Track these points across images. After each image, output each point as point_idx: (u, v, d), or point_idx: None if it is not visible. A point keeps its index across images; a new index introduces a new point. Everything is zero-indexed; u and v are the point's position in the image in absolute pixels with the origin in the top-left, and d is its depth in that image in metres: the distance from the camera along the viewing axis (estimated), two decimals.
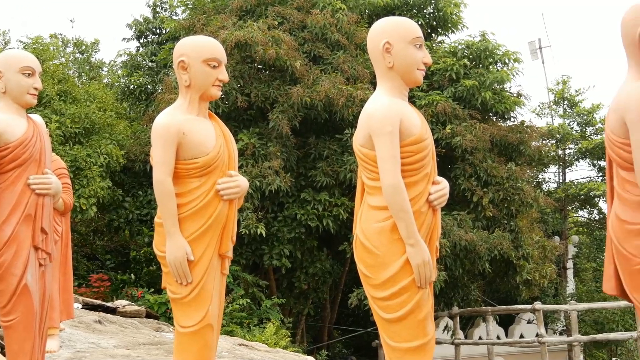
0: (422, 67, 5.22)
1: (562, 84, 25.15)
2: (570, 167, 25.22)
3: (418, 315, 4.98)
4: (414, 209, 4.93)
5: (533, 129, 19.14)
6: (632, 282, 4.76)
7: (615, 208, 4.86)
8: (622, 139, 4.70)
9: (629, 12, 4.88)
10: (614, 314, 21.56)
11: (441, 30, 20.00)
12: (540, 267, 18.04)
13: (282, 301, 16.30)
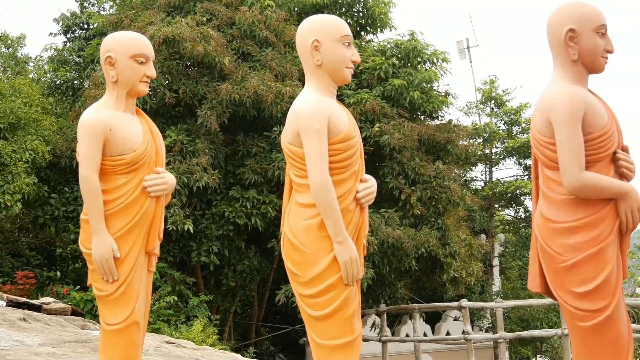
0: (351, 65, 5.24)
1: (489, 84, 25.42)
2: (497, 165, 25.51)
3: (345, 312, 4.99)
4: (342, 207, 4.94)
5: (460, 128, 19.31)
6: (556, 279, 4.83)
7: (540, 207, 4.93)
8: (547, 138, 4.77)
9: (555, 13, 4.95)
10: (539, 311, 21.84)
11: (370, 29, 20.08)
12: (467, 265, 18.20)
13: (210, 298, 16.22)
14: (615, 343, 4.78)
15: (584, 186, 4.65)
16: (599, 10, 4.93)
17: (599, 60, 4.91)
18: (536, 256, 5.01)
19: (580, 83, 4.88)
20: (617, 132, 4.89)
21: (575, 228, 4.72)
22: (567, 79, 4.87)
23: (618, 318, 4.77)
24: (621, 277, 4.81)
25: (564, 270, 4.76)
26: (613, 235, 4.75)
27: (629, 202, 4.76)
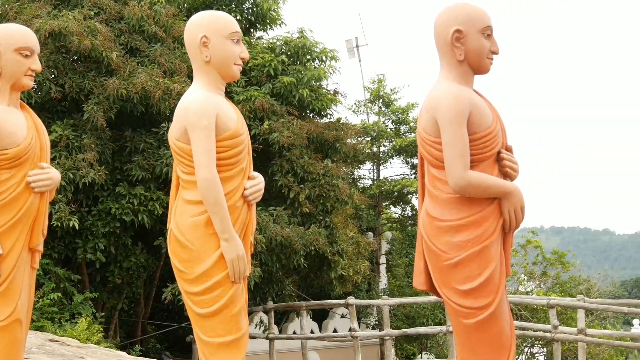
0: (239, 62, 5.23)
1: (377, 83, 25.61)
2: (385, 164, 25.73)
3: (232, 310, 4.98)
4: (229, 204, 4.93)
5: (349, 126, 19.41)
6: (441, 277, 4.90)
7: (426, 205, 4.99)
8: (433, 138, 4.84)
9: (442, 14, 5.02)
10: (424, 308, 22.14)
11: (259, 26, 20.04)
12: (354, 263, 18.32)
13: (95, 296, 15.98)
14: (498, 340, 4.87)
15: (469, 185, 4.72)
16: (485, 11, 5.01)
17: (485, 61, 5.00)
18: (421, 254, 5.08)
19: (466, 83, 4.96)
20: (501, 132, 4.98)
21: (460, 226, 4.79)
22: (453, 79, 4.93)
23: (501, 315, 4.86)
24: (504, 275, 4.90)
25: (449, 268, 4.83)
26: (497, 233, 4.84)
27: (513, 201, 4.85)
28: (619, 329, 28.51)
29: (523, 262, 26.87)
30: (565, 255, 27.06)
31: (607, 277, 44.72)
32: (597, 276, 34.68)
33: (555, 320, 13.72)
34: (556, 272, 26.79)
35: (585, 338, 13.44)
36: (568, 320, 21.46)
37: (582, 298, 13.89)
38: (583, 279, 29.22)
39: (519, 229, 5.17)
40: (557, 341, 13.69)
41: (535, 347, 23.77)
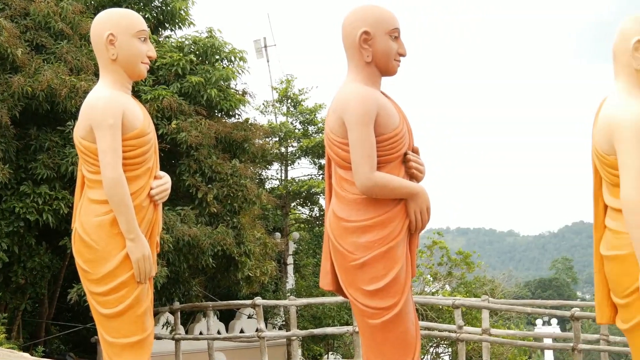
0: (147, 60, 5.20)
1: (286, 83, 25.64)
2: (292, 164, 25.77)
3: (137, 310, 4.95)
4: (135, 203, 4.90)
5: (257, 126, 19.39)
6: (347, 278, 4.93)
7: (333, 206, 5.01)
8: (340, 139, 4.86)
9: (350, 15, 5.05)
10: (331, 309, 22.23)
11: (168, 25, 19.88)
12: (262, 264, 18.30)
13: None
14: (403, 340, 4.91)
15: (375, 186, 4.75)
16: (393, 14, 5.06)
17: (392, 63, 5.04)
18: (328, 254, 5.10)
19: (373, 85, 4.99)
20: (408, 134, 5.03)
21: (367, 227, 4.82)
22: (360, 81, 4.97)
23: (406, 315, 4.91)
24: (410, 275, 4.94)
25: (355, 269, 4.86)
26: (403, 234, 4.88)
27: (418, 203, 4.90)
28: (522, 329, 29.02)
29: (429, 263, 27.16)
30: (470, 256, 27.43)
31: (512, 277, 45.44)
32: (501, 277, 35.21)
33: (460, 320, 13.90)
34: (461, 273, 27.14)
35: (489, 338, 13.64)
36: (473, 320, 21.73)
37: (487, 298, 14.09)
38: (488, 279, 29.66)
39: (425, 230, 5.23)
40: (462, 341, 13.87)
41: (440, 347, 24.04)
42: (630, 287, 4.50)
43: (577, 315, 12.55)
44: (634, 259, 4.45)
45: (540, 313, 14.78)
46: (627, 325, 4.60)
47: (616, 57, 4.71)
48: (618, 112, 4.48)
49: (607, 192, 4.69)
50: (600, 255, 4.72)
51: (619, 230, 4.55)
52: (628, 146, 4.39)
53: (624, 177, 4.41)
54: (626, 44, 4.64)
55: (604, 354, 13.26)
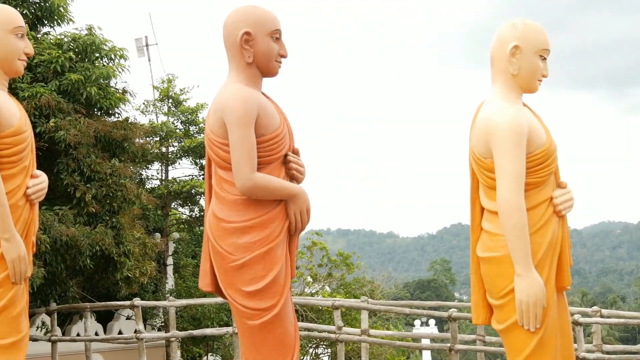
0: (24, 57, 5.11)
1: (167, 83, 25.41)
2: (173, 164, 25.53)
3: (12, 311, 4.85)
4: (11, 203, 4.80)
5: (137, 126, 19.15)
6: (226, 279, 4.92)
7: (212, 206, 5.00)
8: (221, 139, 4.85)
9: (231, 15, 5.03)
10: (210, 310, 22.12)
11: (47, 21, 19.50)
12: (141, 264, 18.08)
13: None
14: (282, 341, 4.92)
15: (256, 187, 4.75)
16: (274, 15, 5.07)
17: (273, 64, 5.05)
18: (207, 255, 5.08)
19: (254, 85, 5.00)
20: (288, 135, 5.05)
21: (246, 228, 4.82)
22: (241, 81, 4.96)
23: (285, 316, 4.92)
24: (289, 276, 4.96)
25: (234, 270, 4.85)
26: (282, 235, 4.90)
27: (298, 204, 4.93)
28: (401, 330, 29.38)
29: (309, 264, 27.25)
30: (350, 257, 27.61)
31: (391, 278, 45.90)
32: (381, 278, 35.54)
33: (340, 321, 13.99)
34: (341, 274, 27.30)
35: (368, 339, 13.76)
36: (352, 321, 21.90)
37: (366, 299, 14.21)
38: (367, 280, 29.87)
39: (305, 231, 5.25)
40: (341, 342, 13.95)
41: (319, 348, 24.15)
42: (506, 289, 4.60)
43: (454, 316, 12.75)
44: (509, 261, 4.55)
45: (419, 314, 14.97)
46: (502, 326, 4.70)
47: (493, 62, 4.81)
48: (495, 116, 4.58)
49: (483, 194, 4.78)
50: (477, 257, 4.81)
51: (495, 232, 4.65)
52: (504, 150, 4.49)
53: (500, 180, 4.51)
54: (503, 49, 4.75)
55: (480, 354, 13.51)
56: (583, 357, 10.96)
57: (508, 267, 4.57)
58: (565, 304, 4.87)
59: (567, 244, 4.78)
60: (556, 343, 4.66)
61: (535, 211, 4.60)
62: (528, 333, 4.58)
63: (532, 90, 4.81)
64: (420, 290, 74.01)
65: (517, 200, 4.48)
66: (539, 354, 4.59)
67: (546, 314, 4.58)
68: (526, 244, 4.48)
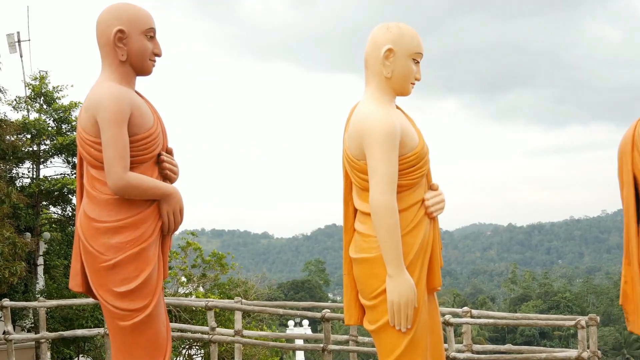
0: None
1: (39, 80, 24.93)
2: (45, 162, 25.06)
3: None
4: None
5: (8, 122, 18.78)
6: (98, 279, 4.86)
7: (84, 206, 4.93)
8: (93, 138, 4.79)
9: (105, 13, 4.98)
10: (83, 310, 21.77)
11: None
12: (10, 264, 17.73)
13: None
14: (154, 341, 4.89)
15: (128, 186, 4.71)
16: (149, 13, 5.03)
17: (147, 63, 5.02)
18: (78, 255, 5.02)
19: (128, 84, 4.95)
20: (162, 135, 5.02)
21: (118, 228, 4.77)
22: (114, 80, 4.91)
23: (157, 317, 4.89)
24: (162, 276, 4.93)
25: (106, 270, 4.80)
26: (155, 235, 4.87)
27: (171, 204, 4.90)
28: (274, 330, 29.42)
29: (183, 265, 27.08)
30: (224, 257, 27.54)
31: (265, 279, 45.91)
32: (255, 278, 35.53)
33: (213, 322, 13.92)
34: (215, 274, 27.21)
35: (241, 339, 13.73)
36: (226, 321, 21.83)
37: (240, 300, 14.18)
38: (241, 281, 29.84)
39: (179, 231, 5.24)
40: (215, 342, 13.89)
41: (193, 349, 24.00)
42: (378, 289, 4.65)
43: (327, 316, 12.83)
44: (381, 262, 4.60)
45: (292, 314, 15.00)
46: (373, 326, 4.75)
47: (367, 65, 4.86)
48: (368, 119, 4.63)
49: (356, 196, 4.83)
50: (350, 258, 4.85)
51: (368, 234, 4.70)
52: (377, 152, 4.54)
53: (373, 181, 4.56)
54: (377, 53, 4.80)
55: (353, 354, 13.61)
56: (453, 357, 11.16)
57: (380, 268, 4.62)
58: (436, 305, 4.95)
59: (438, 245, 4.86)
60: (427, 343, 4.73)
61: (407, 213, 4.67)
62: (399, 333, 4.63)
63: (405, 93, 4.88)
64: (294, 291, 74.28)
65: (389, 201, 4.53)
66: (409, 354, 4.65)
67: (417, 315, 4.64)
68: (398, 245, 4.53)
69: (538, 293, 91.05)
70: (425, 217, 4.73)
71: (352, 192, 4.87)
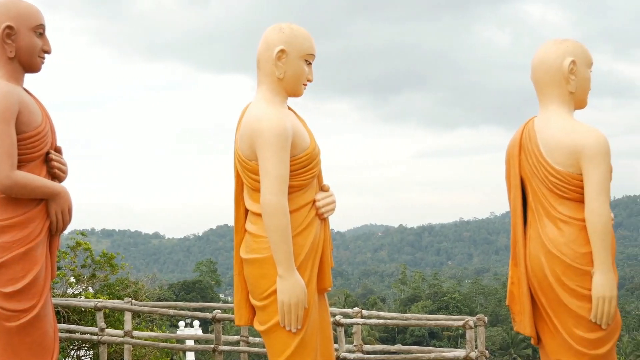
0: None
1: None
2: None
3: None
4: None
5: None
6: None
7: None
8: None
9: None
10: None
11: None
12: None
13: None
14: (41, 343, 4.81)
15: (15, 185, 4.63)
16: (38, 9, 4.96)
17: (36, 60, 4.94)
18: None
19: (16, 81, 4.87)
20: (51, 133, 4.94)
21: (5, 227, 4.68)
22: (2, 77, 4.82)
23: (45, 318, 4.81)
24: (49, 277, 4.85)
25: None
26: (43, 235, 4.79)
27: (60, 203, 4.83)
28: (165, 331, 29.16)
29: (72, 265, 26.66)
30: (114, 257, 27.17)
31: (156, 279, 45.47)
32: (145, 279, 35.16)
33: (103, 322, 13.77)
34: (105, 275, 26.85)
35: (131, 340, 13.61)
36: (116, 322, 21.53)
37: (130, 301, 14.07)
38: (132, 281, 29.47)
39: (68, 231, 5.17)
40: (104, 344, 13.73)
41: (82, 350, 23.63)
42: (268, 290, 4.66)
43: (218, 317, 12.79)
44: (272, 262, 4.61)
45: (183, 315, 14.92)
46: (264, 327, 4.75)
47: (260, 65, 4.86)
48: (259, 119, 4.64)
49: (248, 196, 4.83)
50: (240, 258, 4.85)
51: (259, 234, 4.71)
52: (268, 152, 4.55)
53: (264, 182, 4.57)
54: (269, 53, 4.81)
55: (244, 355, 13.59)
56: (344, 357, 11.22)
57: (271, 269, 4.63)
58: (326, 305, 4.98)
59: (329, 246, 4.89)
60: (317, 343, 4.76)
61: (298, 213, 4.69)
62: (289, 334, 4.65)
63: (297, 94, 4.90)
64: (185, 292, 73.81)
65: (280, 202, 4.55)
66: (299, 354, 4.67)
67: (307, 315, 4.66)
68: (289, 246, 4.55)
69: (428, 294, 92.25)
70: (316, 218, 4.76)
71: (244, 193, 4.87)
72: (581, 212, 4.78)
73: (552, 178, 4.82)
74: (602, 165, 4.72)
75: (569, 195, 4.81)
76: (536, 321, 5.00)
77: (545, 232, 4.86)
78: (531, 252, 4.92)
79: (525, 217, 5.03)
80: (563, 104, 4.95)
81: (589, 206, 4.72)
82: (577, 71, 4.94)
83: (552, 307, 4.86)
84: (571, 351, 4.82)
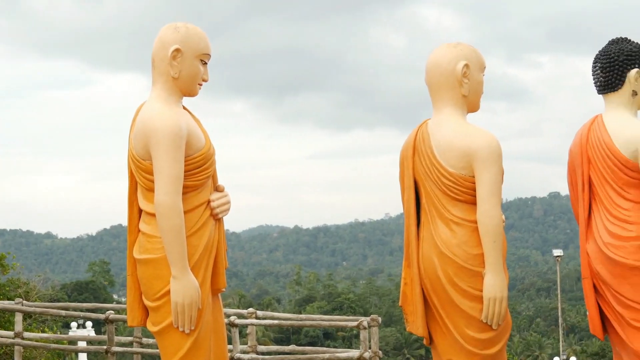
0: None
1: None
2: None
3: None
4: None
5: None
6: None
7: None
8: None
9: None
10: None
11: None
12: None
13: None
14: None
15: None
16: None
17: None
18: None
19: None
20: None
21: None
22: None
23: None
24: None
25: None
26: None
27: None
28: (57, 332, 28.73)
29: None
30: (5, 257, 26.71)
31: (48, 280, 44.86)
32: (37, 279, 34.64)
33: None
34: None
35: (22, 342, 13.39)
36: (6, 323, 21.19)
37: (21, 301, 13.83)
38: (23, 282, 29.03)
39: None
40: None
41: None
42: (161, 290, 4.64)
43: (111, 318, 12.67)
44: (165, 263, 4.59)
45: (75, 316, 14.77)
46: (157, 328, 4.72)
47: (154, 64, 4.84)
48: (154, 119, 4.62)
49: (141, 196, 4.80)
50: (134, 259, 4.81)
51: (152, 234, 4.68)
52: (162, 152, 4.53)
53: (158, 182, 4.55)
54: (164, 52, 4.79)
55: (137, 356, 13.50)
56: (238, 357, 11.24)
57: (164, 269, 4.61)
58: (220, 306, 4.97)
59: (224, 246, 4.89)
60: (210, 344, 4.75)
61: (193, 214, 4.68)
62: (183, 335, 4.63)
63: (192, 94, 4.90)
64: (77, 292, 72.70)
65: (174, 202, 4.54)
66: (193, 355, 4.66)
67: (201, 316, 4.66)
68: (182, 246, 4.54)
69: (322, 294, 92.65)
70: (211, 219, 4.76)
71: (137, 193, 4.84)
72: (473, 214, 4.86)
73: (445, 180, 4.90)
74: (494, 167, 4.82)
75: (461, 197, 4.89)
76: (428, 322, 5.07)
77: (437, 234, 4.93)
78: (424, 253, 4.99)
79: (418, 219, 5.10)
80: (456, 106, 5.03)
81: (480, 208, 4.81)
82: (470, 75, 5.03)
83: (444, 307, 4.93)
84: (462, 351, 4.90)
